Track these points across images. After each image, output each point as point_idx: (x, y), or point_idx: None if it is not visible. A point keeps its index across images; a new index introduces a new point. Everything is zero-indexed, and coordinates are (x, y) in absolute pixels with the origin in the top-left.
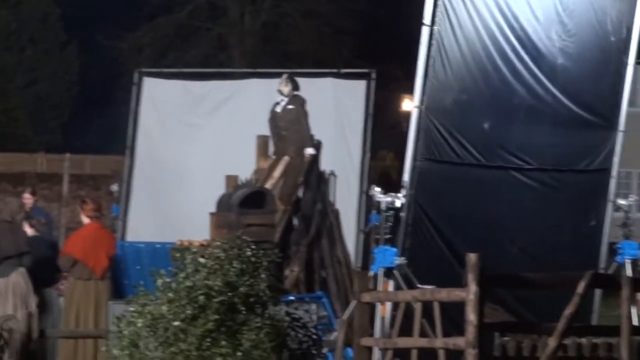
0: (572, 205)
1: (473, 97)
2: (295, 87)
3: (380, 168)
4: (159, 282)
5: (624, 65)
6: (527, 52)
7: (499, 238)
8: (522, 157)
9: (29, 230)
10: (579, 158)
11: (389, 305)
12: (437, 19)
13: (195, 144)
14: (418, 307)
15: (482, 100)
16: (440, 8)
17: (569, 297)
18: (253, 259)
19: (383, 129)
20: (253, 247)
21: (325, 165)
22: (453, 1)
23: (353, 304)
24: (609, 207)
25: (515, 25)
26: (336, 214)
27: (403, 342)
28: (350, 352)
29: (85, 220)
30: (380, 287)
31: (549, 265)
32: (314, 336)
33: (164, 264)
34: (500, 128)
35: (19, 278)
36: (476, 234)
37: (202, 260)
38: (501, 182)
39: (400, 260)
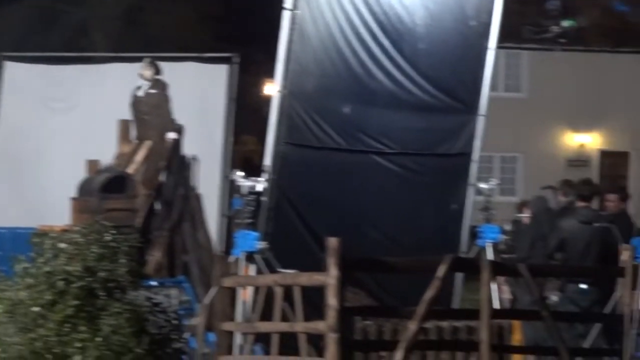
0: (433, 189)
1: (333, 82)
2: (158, 71)
3: (243, 152)
4: (18, 267)
5: (484, 49)
6: (388, 37)
7: (360, 222)
8: (383, 141)
9: None
10: (441, 142)
11: (250, 290)
12: (298, 3)
13: (56, 128)
14: (279, 292)
15: (342, 85)
16: None
17: (430, 281)
18: (113, 244)
19: (246, 113)
20: (113, 231)
21: (187, 149)
22: None
23: (214, 288)
24: (471, 191)
25: (377, 9)
26: (198, 198)
27: (264, 326)
28: (212, 336)
29: None
30: (241, 272)
31: (410, 248)
32: (174, 321)
33: (26, 250)
34: (361, 112)
35: None
36: (337, 217)
37: (61, 245)
38: (362, 166)
39: (261, 245)
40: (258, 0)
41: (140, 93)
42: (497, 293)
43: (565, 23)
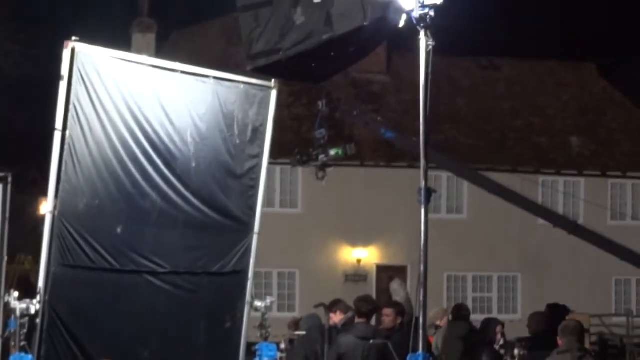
0: (207, 308)
1: (105, 202)
2: None
3: (20, 272)
4: None
5: (258, 167)
6: (160, 156)
7: (133, 343)
8: (155, 261)
9: None
10: (214, 261)
11: None
12: (69, 124)
13: None
14: None
15: (114, 205)
16: (72, 112)
17: None
18: None
19: (22, 233)
20: None
21: None
22: (84, 106)
23: None
24: (246, 309)
25: (149, 129)
26: None
27: None
28: None
29: None
30: None
31: None
32: None
33: None
34: (132, 232)
35: None
36: (110, 339)
37: None
38: (135, 286)
39: None
40: (33, 119)
41: None
42: None
43: (332, 152)
